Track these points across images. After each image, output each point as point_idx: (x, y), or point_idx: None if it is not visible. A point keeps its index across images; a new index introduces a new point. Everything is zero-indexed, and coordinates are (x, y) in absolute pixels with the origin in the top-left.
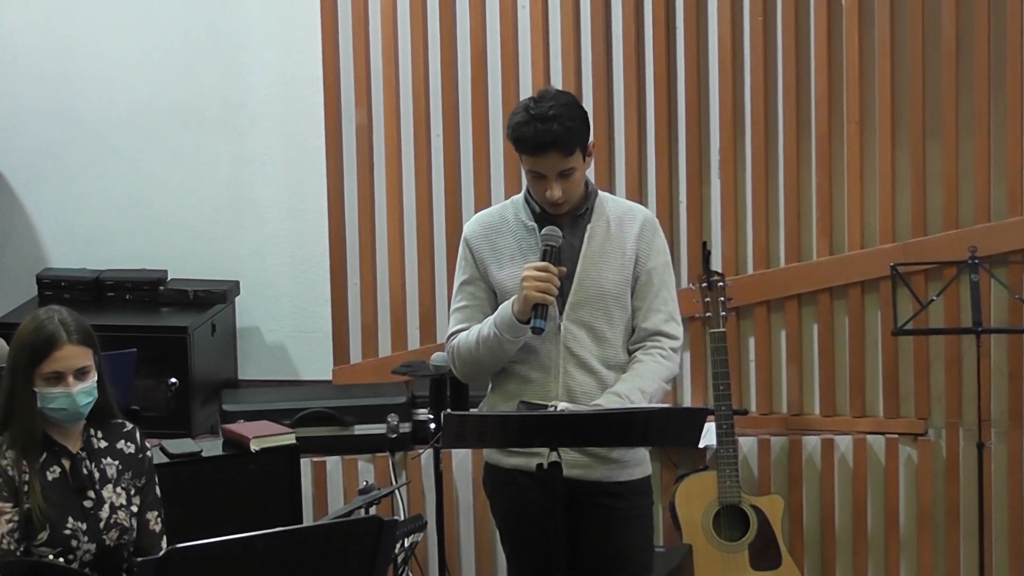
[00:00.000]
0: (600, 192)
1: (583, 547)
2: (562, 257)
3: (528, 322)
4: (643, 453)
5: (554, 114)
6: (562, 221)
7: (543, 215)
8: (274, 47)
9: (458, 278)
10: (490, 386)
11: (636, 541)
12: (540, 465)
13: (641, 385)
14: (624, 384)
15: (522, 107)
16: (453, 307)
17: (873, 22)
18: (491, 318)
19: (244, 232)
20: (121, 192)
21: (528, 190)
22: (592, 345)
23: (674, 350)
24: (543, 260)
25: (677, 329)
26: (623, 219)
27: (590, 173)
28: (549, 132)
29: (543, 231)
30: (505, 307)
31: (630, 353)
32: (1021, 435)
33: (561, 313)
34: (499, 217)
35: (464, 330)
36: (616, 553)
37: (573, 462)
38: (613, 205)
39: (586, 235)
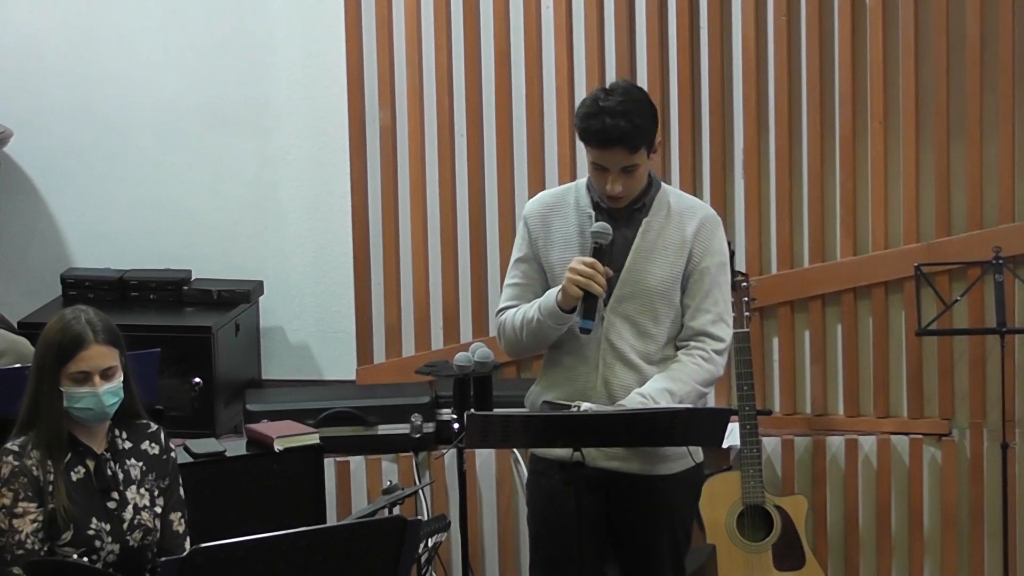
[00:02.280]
0: (664, 186)
1: (619, 540)
2: (614, 250)
3: (572, 311)
4: None
5: (622, 110)
6: (619, 213)
7: (601, 205)
8: (298, 47)
9: (514, 254)
10: (540, 370)
11: (673, 538)
12: (564, 464)
13: (671, 387)
14: (652, 384)
15: (591, 99)
16: (506, 282)
17: (897, 21)
18: (537, 302)
19: (268, 232)
20: (145, 192)
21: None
22: (634, 340)
23: (718, 352)
24: (592, 256)
25: (725, 331)
26: (683, 215)
27: None
28: (616, 128)
29: (593, 227)
30: (550, 294)
31: (676, 350)
32: None
33: (606, 305)
34: (561, 199)
35: (513, 307)
36: (649, 547)
37: (612, 454)
38: (675, 200)
39: (640, 229)
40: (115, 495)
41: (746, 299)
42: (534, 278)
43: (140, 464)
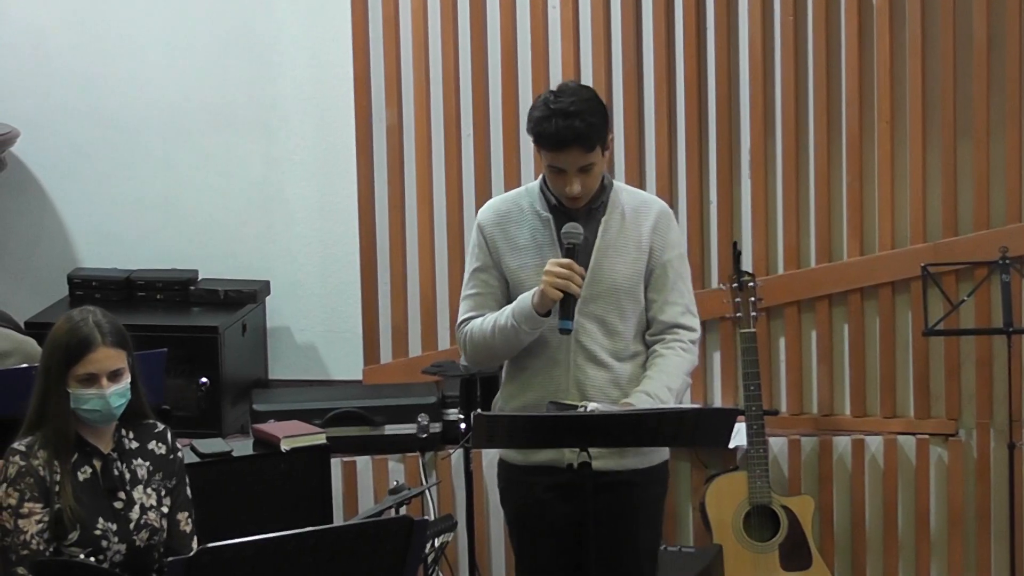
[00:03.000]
0: (615, 183)
1: (595, 538)
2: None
3: (547, 315)
4: None
5: (575, 110)
6: (577, 214)
7: (559, 207)
8: (305, 47)
9: (470, 264)
10: (503, 379)
11: (648, 529)
12: (571, 465)
13: (668, 383)
14: (652, 383)
15: (542, 101)
16: (464, 294)
17: (904, 21)
18: (509, 308)
19: (275, 232)
20: (152, 192)
21: (545, 181)
22: (603, 339)
23: (693, 342)
24: (566, 257)
25: (694, 321)
26: (638, 211)
27: (620, 173)
28: (571, 128)
29: (564, 228)
30: (524, 298)
31: (648, 346)
32: None
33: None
34: (514, 205)
35: (476, 317)
36: (626, 540)
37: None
38: (628, 197)
39: (600, 228)
40: (122, 495)
41: (753, 299)
42: (494, 286)
43: (147, 464)
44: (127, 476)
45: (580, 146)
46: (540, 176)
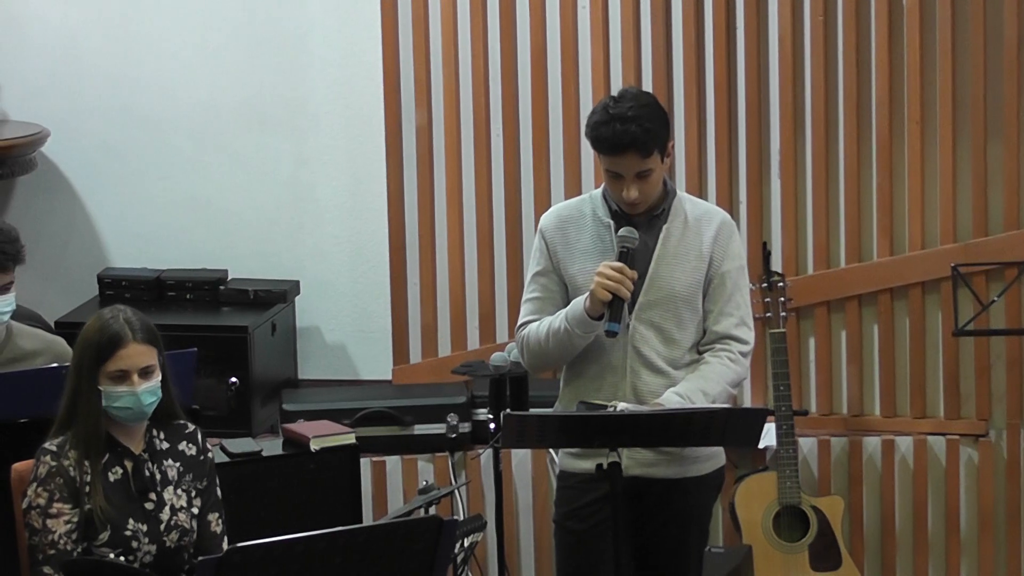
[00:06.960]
0: (679, 193)
1: (645, 542)
2: (636, 257)
3: (599, 319)
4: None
5: (633, 115)
6: (638, 220)
7: (620, 213)
8: (335, 47)
9: (531, 268)
10: (561, 383)
11: (700, 536)
12: (600, 465)
13: (704, 387)
14: (687, 384)
15: (601, 106)
16: (525, 297)
17: (934, 21)
18: (563, 312)
19: (304, 232)
20: (182, 191)
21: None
22: (660, 346)
23: (743, 355)
24: (619, 261)
25: (748, 334)
26: (700, 221)
27: None
28: (627, 133)
29: (620, 232)
30: (577, 302)
31: (700, 354)
32: None
33: (631, 313)
34: (576, 211)
35: (534, 321)
36: (678, 548)
37: (643, 460)
38: (691, 206)
39: (661, 236)
40: (153, 496)
41: (782, 299)
42: (554, 291)
43: (177, 465)
44: (158, 477)
45: (637, 151)
46: (603, 183)
